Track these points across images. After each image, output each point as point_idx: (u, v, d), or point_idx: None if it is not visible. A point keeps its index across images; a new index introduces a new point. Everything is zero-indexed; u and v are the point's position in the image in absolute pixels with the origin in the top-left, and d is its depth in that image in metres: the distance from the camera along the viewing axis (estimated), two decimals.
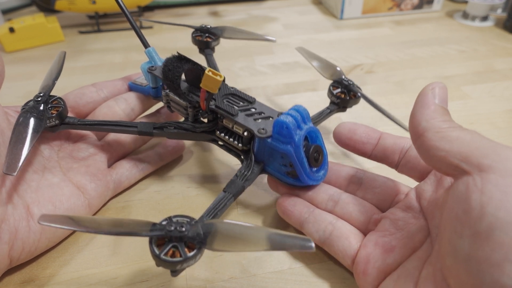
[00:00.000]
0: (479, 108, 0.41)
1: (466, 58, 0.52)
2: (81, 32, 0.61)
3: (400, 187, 0.26)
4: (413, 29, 0.61)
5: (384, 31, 0.61)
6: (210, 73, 0.24)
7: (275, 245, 0.18)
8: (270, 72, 0.49)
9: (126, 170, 0.31)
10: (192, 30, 0.39)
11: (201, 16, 0.67)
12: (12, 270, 0.25)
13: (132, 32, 0.60)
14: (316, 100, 0.43)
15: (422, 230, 0.22)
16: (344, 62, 0.51)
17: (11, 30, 0.53)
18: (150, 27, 0.62)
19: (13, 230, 0.23)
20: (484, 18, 0.62)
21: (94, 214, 0.29)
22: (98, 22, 0.60)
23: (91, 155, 0.30)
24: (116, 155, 0.32)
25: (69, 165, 0.28)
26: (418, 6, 0.66)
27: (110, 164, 0.31)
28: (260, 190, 0.31)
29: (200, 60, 0.40)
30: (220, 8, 0.71)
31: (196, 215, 0.29)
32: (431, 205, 0.22)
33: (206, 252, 0.26)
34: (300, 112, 0.24)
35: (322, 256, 0.26)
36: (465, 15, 0.63)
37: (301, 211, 0.26)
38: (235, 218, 0.29)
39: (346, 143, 0.27)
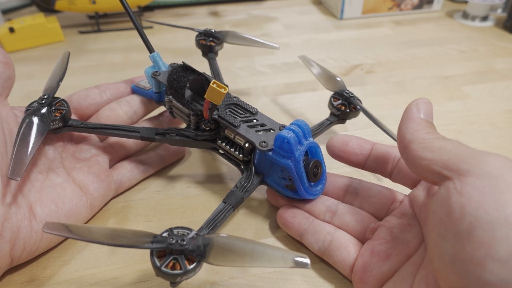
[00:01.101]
0: (479, 108, 0.41)
1: (466, 58, 0.52)
2: (81, 32, 0.61)
3: (395, 194, 0.26)
4: (413, 29, 0.61)
5: (384, 31, 0.61)
6: (215, 86, 0.24)
7: (272, 262, 0.18)
8: (270, 72, 0.49)
9: (128, 171, 0.31)
10: (195, 33, 0.39)
11: (201, 16, 0.67)
12: (12, 270, 0.25)
13: (132, 32, 0.60)
14: (316, 100, 0.43)
15: (416, 236, 0.22)
16: (344, 62, 0.51)
17: (11, 30, 0.53)
18: (150, 27, 0.62)
19: (15, 229, 0.23)
20: (484, 18, 0.62)
21: (95, 214, 0.29)
22: (98, 22, 0.60)
23: (93, 156, 0.30)
24: (118, 156, 0.32)
25: (72, 165, 0.29)
26: (418, 6, 0.66)
27: (112, 165, 0.31)
28: (261, 190, 0.31)
29: (202, 64, 0.40)
30: (220, 8, 0.71)
31: (196, 215, 0.29)
32: (423, 210, 0.23)
33: None
34: (301, 128, 0.25)
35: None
36: (465, 15, 0.63)
37: (300, 223, 0.26)
38: (236, 218, 0.29)
39: (340, 155, 0.28)
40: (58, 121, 0.28)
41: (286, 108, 0.42)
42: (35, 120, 0.26)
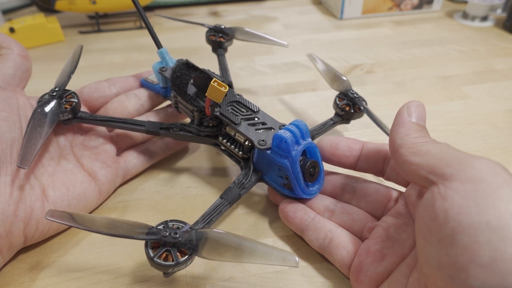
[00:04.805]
0: (479, 108, 0.41)
1: (466, 58, 0.52)
2: (81, 32, 0.61)
3: (391, 193, 0.26)
4: (413, 29, 0.61)
5: (384, 31, 0.61)
6: (215, 84, 0.25)
7: (261, 259, 0.19)
8: (270, 72, 0.49)
9: (134, 158, 0.32)
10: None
11: (201, 16, 0.67)
12: (12, 269, 0.25)
13: (132, 32, 0.60)
14: (315, 100, 0.43)
15: (411, 236, 0.22)
16: (344, 62, 0.51)
17: (11, 30, 0.53)
18: None
19: (29, 210, 0.24)
20: (484, 18, 0.62)
21: (103, 202, 0.30)
22: (98, 22, 0.60)
23: (101, 144, 0.31)
24: (124, 145, 0.33)
25: (81, 153, 0.30)
26: (418, 6, 0.66)
27: (119, 154, 0.32)
28: (261, 190, 0.31)
29: (209, 60, 0.40)
30: (220, 8, 0.71)
31: (196, 215, 0.29)
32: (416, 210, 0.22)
33: None
34: (299, 128, 0.25)
35: (322, 256, 0.26)
36: (465, 15, 0.63)
37: (301, 218, 0.26)
38: (235, 218, 0.29)
39: (330, 158, 0.27)
40: (68, 113, 0.29)
41: (285, 108, 0.42)
42: (45, 111, 0.27)
